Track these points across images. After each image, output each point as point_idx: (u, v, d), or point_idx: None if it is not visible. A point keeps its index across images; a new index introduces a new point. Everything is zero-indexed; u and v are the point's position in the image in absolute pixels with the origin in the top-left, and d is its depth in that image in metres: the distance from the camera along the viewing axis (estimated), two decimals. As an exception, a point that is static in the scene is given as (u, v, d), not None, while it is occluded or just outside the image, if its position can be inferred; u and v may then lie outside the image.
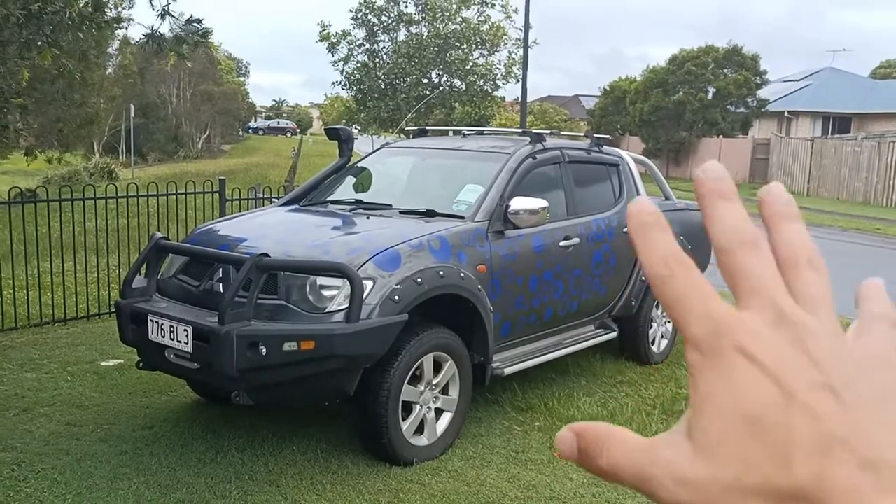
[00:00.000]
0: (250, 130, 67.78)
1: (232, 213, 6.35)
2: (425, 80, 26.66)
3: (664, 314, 6.01)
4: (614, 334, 5.42)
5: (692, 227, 6.23)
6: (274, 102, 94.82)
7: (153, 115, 43.20)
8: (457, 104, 26.71)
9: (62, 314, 6.38)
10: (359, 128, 26.72)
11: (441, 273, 3.82)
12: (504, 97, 31.10)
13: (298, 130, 69.33)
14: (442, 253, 3.94)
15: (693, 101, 29.87)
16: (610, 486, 3.69)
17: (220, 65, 50.93)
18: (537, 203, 4.31)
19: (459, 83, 26.85)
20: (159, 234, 4.13)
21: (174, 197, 7.12)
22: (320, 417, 4.30)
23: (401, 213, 4.42)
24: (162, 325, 3.65)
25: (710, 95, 30.35)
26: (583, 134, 5.85)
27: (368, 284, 3.56)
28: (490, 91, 27.04)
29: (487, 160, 4.74)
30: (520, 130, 5.25)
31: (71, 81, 17.16)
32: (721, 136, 29.75)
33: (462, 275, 3.93)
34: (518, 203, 4.32)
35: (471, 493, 3.54)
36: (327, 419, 4.28)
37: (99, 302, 6.68)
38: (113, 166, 27.44)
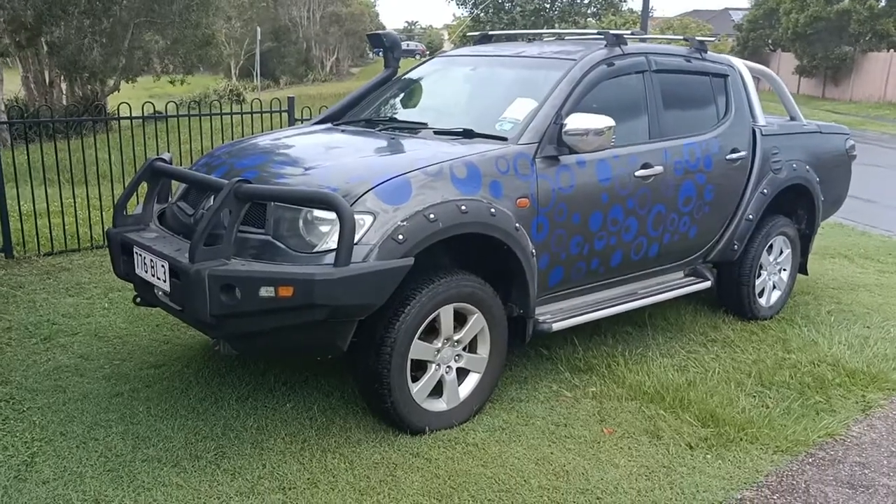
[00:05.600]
0: (380, 53, 67.62)
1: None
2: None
3: (778, 261, 4.96)
4: (707, 283, 4.48)
5: (825, 154, 5.02)
6: (406, 24, 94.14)
7: (284, 39, 43.94)
8: (578, 18, 24.78)
9: (126, 237, 6.25)
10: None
11: (463, 207, 3.09)
12: (633, 10, 28.56)
13: (428, 52, 68.42)
14: (468, 183, 3.20)
15: (861, 10, 26.02)
16: (665, 482, 2.93)
17: (348, -15, 50.64)
18: (600, 121, 3.43)
19: (584, -6, 24.83)
20: (166, 155, 3.68)
21: (264, 120, 6.84)
22: (344, 364, 3.79)
23: (435, 133, 3.69)
24: (145, 259, 3.22)
25: (882, 2, 26.30)
26: (682, 38, 4.76)
27: (367, 220, 2.91)
28: (617, 2, 24.79)
29: (548, 68, 3.87)
30: (595, 31, 4.27)
31: (189, 2, 17.30)
32: (893, 51, 25.84)
33: (492, 210, 3.19)
34: (575, 121, 3.46)
35: (483, 477, 2.91)
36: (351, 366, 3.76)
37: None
38: (241, 89, 28.15)
